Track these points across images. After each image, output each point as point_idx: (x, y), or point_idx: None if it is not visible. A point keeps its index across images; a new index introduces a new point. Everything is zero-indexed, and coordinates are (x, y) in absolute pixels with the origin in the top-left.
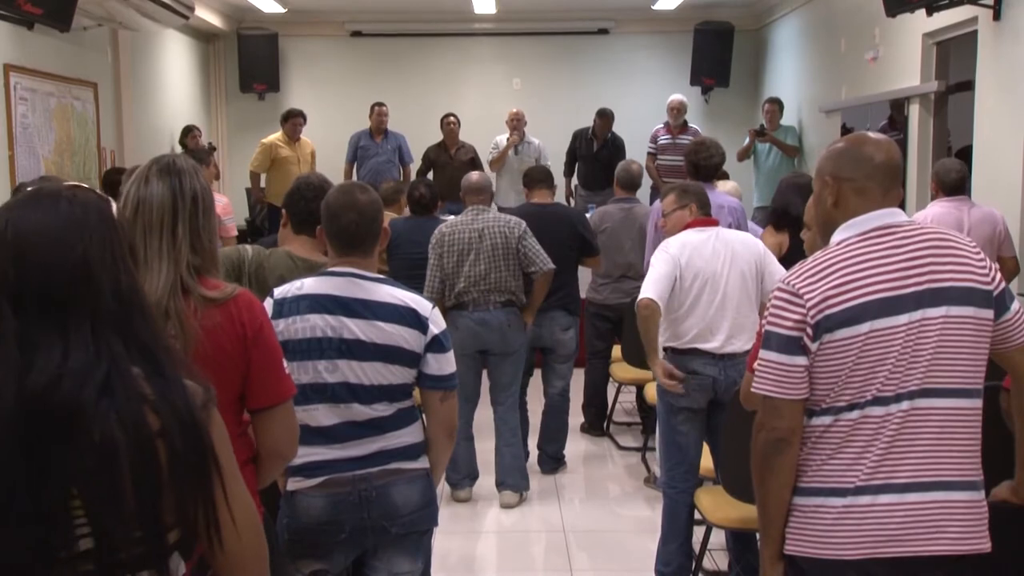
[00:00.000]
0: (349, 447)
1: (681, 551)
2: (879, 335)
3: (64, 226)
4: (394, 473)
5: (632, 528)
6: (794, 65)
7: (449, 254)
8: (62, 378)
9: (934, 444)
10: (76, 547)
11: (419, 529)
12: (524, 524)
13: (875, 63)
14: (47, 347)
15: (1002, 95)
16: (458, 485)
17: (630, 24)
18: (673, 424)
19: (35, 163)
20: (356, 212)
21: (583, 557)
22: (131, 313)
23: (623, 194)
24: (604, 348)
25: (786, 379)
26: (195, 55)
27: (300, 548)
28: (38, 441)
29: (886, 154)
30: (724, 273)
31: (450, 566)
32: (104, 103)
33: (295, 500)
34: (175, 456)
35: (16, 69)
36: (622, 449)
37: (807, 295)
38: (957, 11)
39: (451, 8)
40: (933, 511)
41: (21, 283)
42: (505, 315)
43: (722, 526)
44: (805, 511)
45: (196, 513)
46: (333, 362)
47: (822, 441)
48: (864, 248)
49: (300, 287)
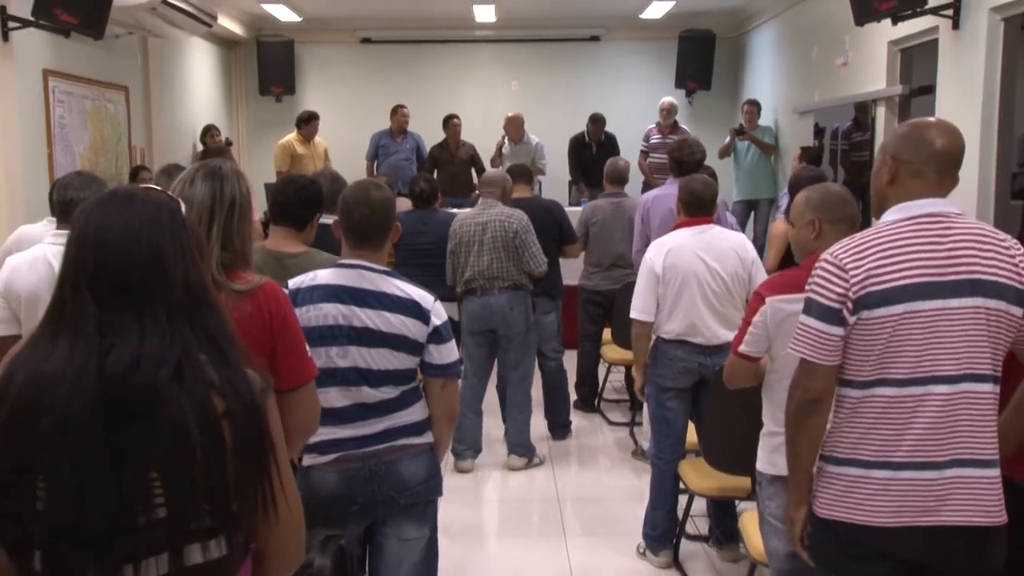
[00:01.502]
0: (359, 426)
1: (667, 517)
2: (915, 316)
3: (139, 223)
4: (401, 449)
5: (621, 496)
6: (771, 70)
7: (459, 246)
8: (140, 361)
9: (970, 424)
10: (153, 515)
11: (425, 499)
12: (521, 493)
13: (845, 68)
14: (125, 332)
15: (960, 98)
16: (461, 456)
17: (620, 31)
18: (662, 401)
19: (71, 160)
20: (368, 208)
21: (576, 523)
22: (199, 304)
23: (612, 188)
24: (595, 331)
25: (823, 346)
26: (217, 61)
27: (315, 519)
28: (118, 418)
29: (948, 142)
30: (709, 270)
31: (453, 532)
32: (134, 105)
33: (310, 475)
34: (238, 436)
35: (54, 74)
36: (612, 424)
37: (852, 270)
38: (920, 20)
39: (454, 17)
40: (967, 486)
41: (100, 274)
42: (507, 299)
43: (703, 494)
44: (845, 479)
45: (255, 488)
46: (344, 348)
47: (857, 414)
48: (912, 232)
49: (314, 278)
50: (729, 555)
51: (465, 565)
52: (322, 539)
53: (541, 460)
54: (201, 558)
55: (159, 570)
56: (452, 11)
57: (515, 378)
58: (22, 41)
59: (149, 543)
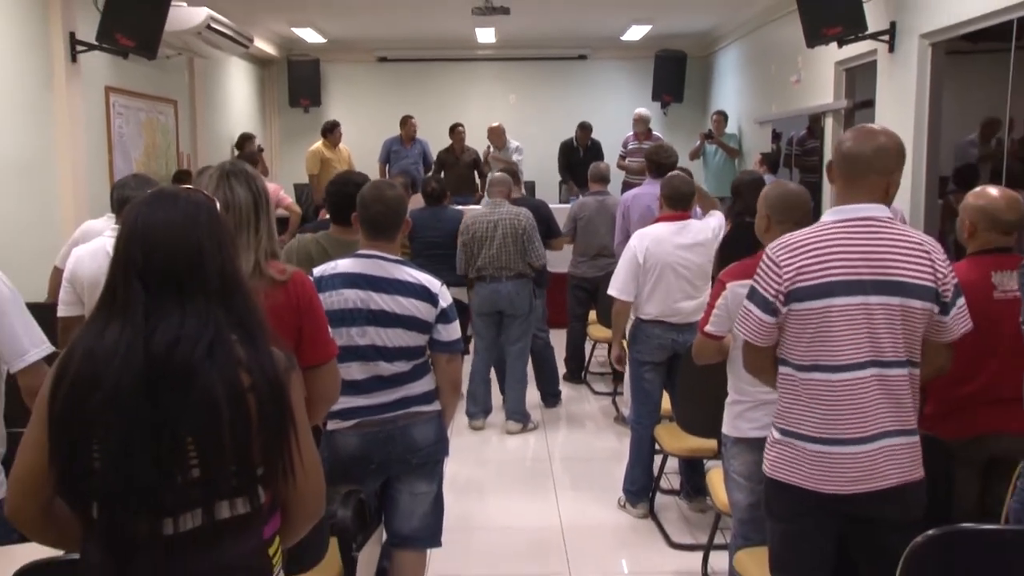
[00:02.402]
0: (376, 396)
1: (644, 474)
2: (835, 310)
3: (182, 220)
4: (413, 415)
5: (604, 456)
6: (735, 85)
7: (472, 240)
8: (179, 341)
9: (889, 401)
10: (189, 475)
11: (434, 459)
12: (518, 453)
13: (798, 84)
14: (167, 316)
15: (896, 111)
16: (474, 416)
17: (604, 51)
18: (640, 373)
19: (128, 165)
20: (383, 204)
21: (565, 479)
22: (233, 291)
23: (596, 187)
24: (582, 313)
25: (760, 330)
26: (253, 77)
27: (337, 476)
28: (160, 390)
29: (853, 144)
30: (683, 259)
31: (458, 487)
32: (182, 116)
33: (334, 438)
34: (262, 409)
35: (114, 90)
36: (596, 394)
37: (785, 267)
38: (861, 44)
39: (459, 38)
40: (891, 454)
41: (148, 265)
42: (513, 285)
43: (676, 455)
44: (791, 449)
45: (277, 454)
46: (363, 328)
47: (799, 393)
48: (840, 234)
49: (335, 267)
50: (697, 507)
51: (469, 516)
52: (344, 493)
53: (535, 425)
54: (229, 513)
55: (194, 523)
56: (457, 33)
57: (514, 352)
58: (88, 62)
59: (185, 499)
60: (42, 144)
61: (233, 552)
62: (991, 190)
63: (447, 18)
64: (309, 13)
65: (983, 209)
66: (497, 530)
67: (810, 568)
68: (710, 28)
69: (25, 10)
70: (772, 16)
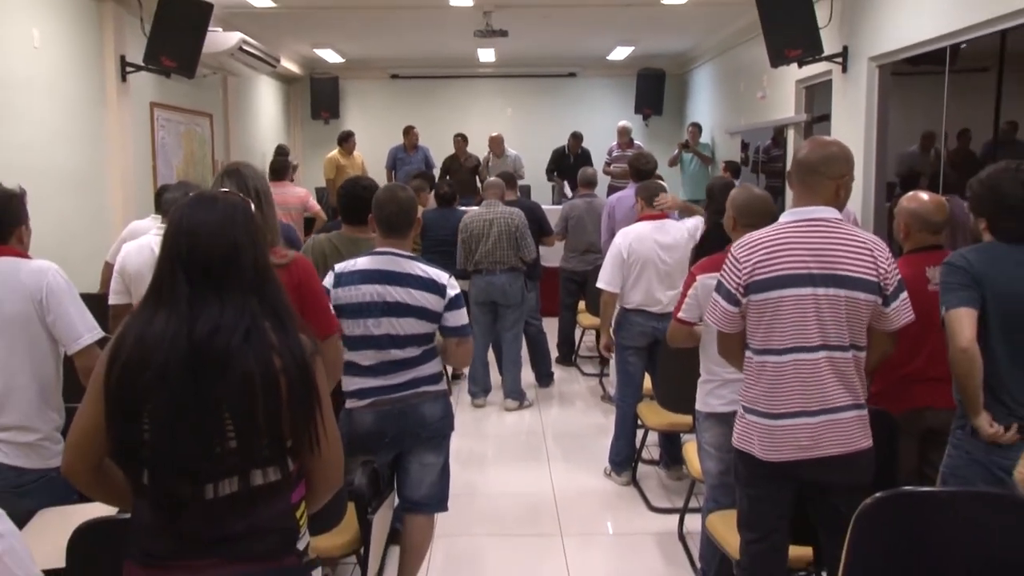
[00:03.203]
0: (389, 378)
1: (627, 446)
2: (786, 300)
3: (220, 220)
4: (422, 395)
5: (592, 431)
6: (708, 100)
7: (470, 237)
8: (219, 329)
9: (835, 380)
10: (227, 445)
11: (441, 434)
12: (515, 428)
13: (764, 100)
14: (208, 305)
15: (848, 123)
16: (476, 395)
17: (591, 69)
18: (625, 357)
19: (169, 171)
20: (397, 205)
21: (556, 451)
22: (265, 283)
23: (585, 191)
24: (572, 303)
25: (725, 318)
26: (279, 93)
27: (356, 449)
28: (201, 373)
29: (807, 153)
30: (662, 255)
31: (462, 458)
32: (217, 128)
33: (351, 415)
34: (291, 388)
35: (158, 105)
36: (585, 375)
37: (744, 262)
38: (818, 65)
39: (463, 58)
40: (836, 426)
41: (190, 259)
42: (506, 278)
43: (656, 429)
44: (752, 423)
45: (304, 428)
46: (378, 319)
47: (757, 374)
48: (794, 233)
49: (355, 264)
50: (675, 475)
51: (472, 483)
52: (361, 463)
53: (530, 403)
54: (262, 480)
55: (231, 488)
56: (461, 53)
57: (509, 337)
58: (135, 81)
59: (223, 467)
60: (96, 154)
61: (265, 514)
62: (921, 195)
63: (452, 40)
64: (330, 36)
65: (915, 212)
66: (497, 496)
67: (770, 527)
68: (686, 49)
69: (83, 37)
70: (741, 39)
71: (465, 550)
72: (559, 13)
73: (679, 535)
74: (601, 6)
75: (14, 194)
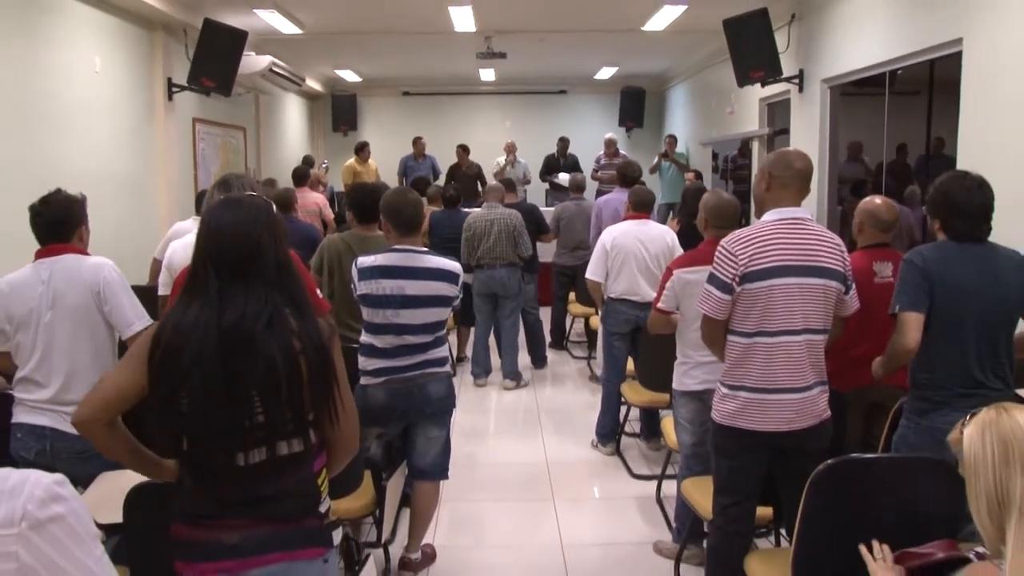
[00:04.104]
0: (402, 360)
1: (612, 421)
2: (778, 288)
3: (245, 221)
4: (430, 375)
5: (580, 407)
6: (683, 114)
7: (473, 236)
8: (244, 317)
9: (812, 360)
10: (255, 420)
11: (445, 409)
12: (512, 405)
13: (732, 115)
14: (235, 297)
15: (804, 136)
16: (478, 376)
17: (580, 87)
18: (610, 342)
19: (207, 179)
20: (412, 207)
21: (549, 425)
22: (285, 276)
23: (575, 195)
24: (564, 294)
25: (718, 307)
26: (304, 108)
27: (368, 421)
28: (230, 356)
29: (803, 164)
30: (642, 251)
31: (465, 432)
32: (250, 140)
33: (366, 392)
34: (311, 368)
35: (199, 120)
36: (575, 358)
37: (740, 255)
38: (778, 85)
39: (466, 78)
40: (812, 400)
41: (220, 256)
42: (505, 272)
43: (637, 405)
44: (737, 399)
45: (323, 403)
46: (396, 311)
47: (744, 355)
48: (780, 230)
49: (375, 260)
50: (653, 446)
51: (473, 454)
52: (376, 434)
53: (526, 383)
54: (287, 451)
55: (260, 457)
56: (465, 73)
57: (508, 324)
58: (180, 100)
59: (253, 439)
60: (146, 164)
61: (290, 481)
62: (876, 198)
63: (457, 61)
64: (349, 58)
65: (869, 212)
66: (496, 465)
67: (747, 491)
68: (664, 70)
69: (136, 62)
70: (712, 62)
71: (468, 513)
72: (552, 38)
73: (657, 499)
74: (589, 32)
75: (76, 199)
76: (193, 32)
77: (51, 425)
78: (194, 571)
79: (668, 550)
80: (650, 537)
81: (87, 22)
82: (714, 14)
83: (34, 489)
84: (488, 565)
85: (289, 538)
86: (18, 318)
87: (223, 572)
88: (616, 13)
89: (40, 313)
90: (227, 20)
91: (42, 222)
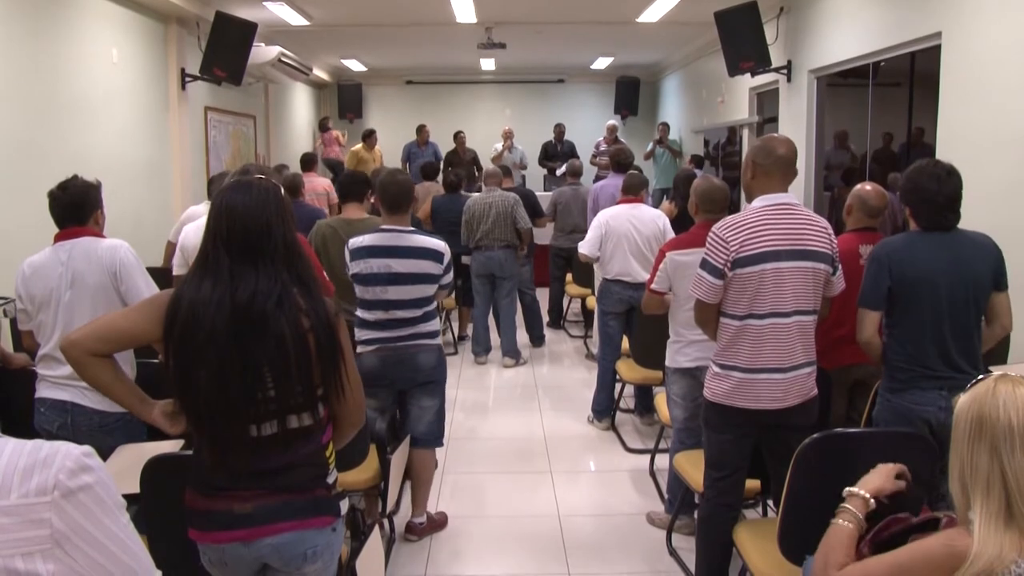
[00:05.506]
0: (392, 332)
1: (608, 397)
2: (770, 272)
3: (255, 203)
4: (420, 346)
5: (577, 384)
6: (676, 103)
7: (472, 218)
8: (256, 295)
9: (801, 340)
10: (266, 394)
11: (435, 379)
12: (511, 382)
13: (722, 104)
14: (246, 276)
15: (792, 125)
16: (478, 354)
17: (578, 76)
18: (605, 321)
19: (219, 165)
20: (397, 187)
21: (547, 401)
22: (293, 256)
23: (572, 180)
24: (561, 275)
25: (710, 291)
26: (311, 97)
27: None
28: (243, 333)
29: (786, 150)
30: (634, 233)
31: (467, 407)
32: (259, 128)
33: (360, 359)
34: (319, 344)
35: (211, 109)
36: (572, 337)
37: (731, 241)
38: (767, 75)
39: (467, 67)
40: (801, 379)
41: (231, 237)
42: (503, 253)
43: (631, 382)
44: (729, 379)
45: (331, 378)
46: (385, 287)
47: (736, 337)
48: (770, 215)
49: (363, 241)
50: (647, 421)
51: (474, 428)
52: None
53: (524, 360)
54: (297, 424)
55: (271, 430)
56: (466, 62)
57: (505, 304)
58: (193, 89)
59: (265, 412)
60: (160, 151)
61: (300, 453)
62: (867, 185)
63: (458, 51)
64: (354, 49)
65: (859, 196)
66: (496, 439)
67: (736, 465)
68: (658, 60)
69: (151, 53)
70: (703, 52)
71: (469, 484)
72: (550, 29)
73: (650, 471)
74: (585, 23)
75: (92, 185)
76: (205, 24)
77: (72, 400)
78: (208, 539)
79: (660, 520)
80: (643, 508)
81: (104, 16)
82: (706, 7)
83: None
84: (487, 533)
85: (300, 507)
86: (39, 298)
87: (236, 540)
88: (611, 5)
89: (60, 293)
90: (238, 13)
91: (60, 206)
